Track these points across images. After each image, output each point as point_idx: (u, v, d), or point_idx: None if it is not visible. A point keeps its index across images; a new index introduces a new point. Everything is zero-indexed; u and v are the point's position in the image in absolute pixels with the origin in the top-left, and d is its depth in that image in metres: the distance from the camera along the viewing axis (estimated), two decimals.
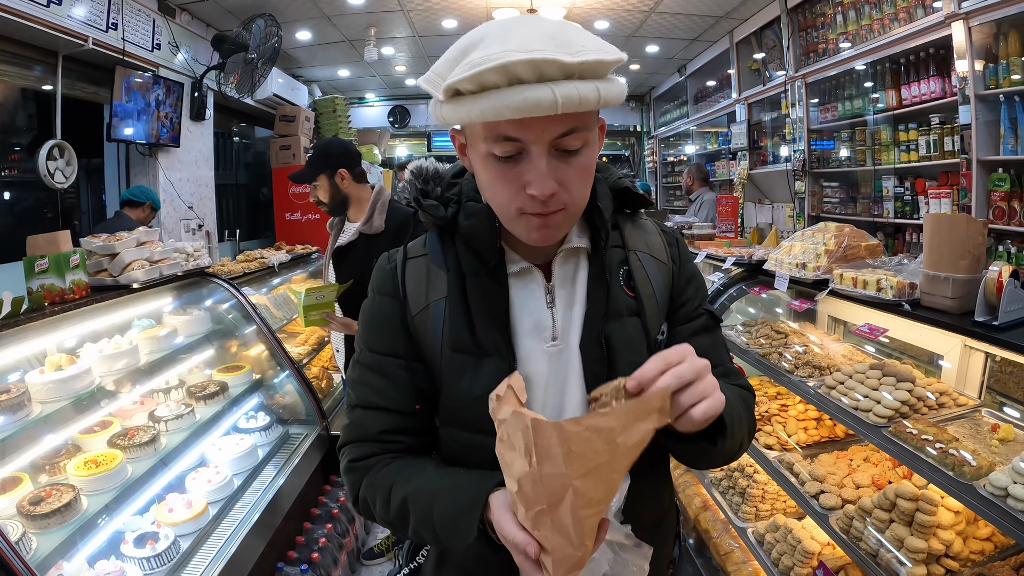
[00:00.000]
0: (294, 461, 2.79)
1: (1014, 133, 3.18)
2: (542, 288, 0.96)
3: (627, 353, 0.96)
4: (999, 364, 2.20)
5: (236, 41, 4.87)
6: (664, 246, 1.07)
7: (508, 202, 0.85)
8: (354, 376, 1.02)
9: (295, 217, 6.21)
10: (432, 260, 1.00)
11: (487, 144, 0.81)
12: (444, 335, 0.95)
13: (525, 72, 0.72)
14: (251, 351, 3.29)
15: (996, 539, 1.79)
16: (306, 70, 7.28)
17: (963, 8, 3.25)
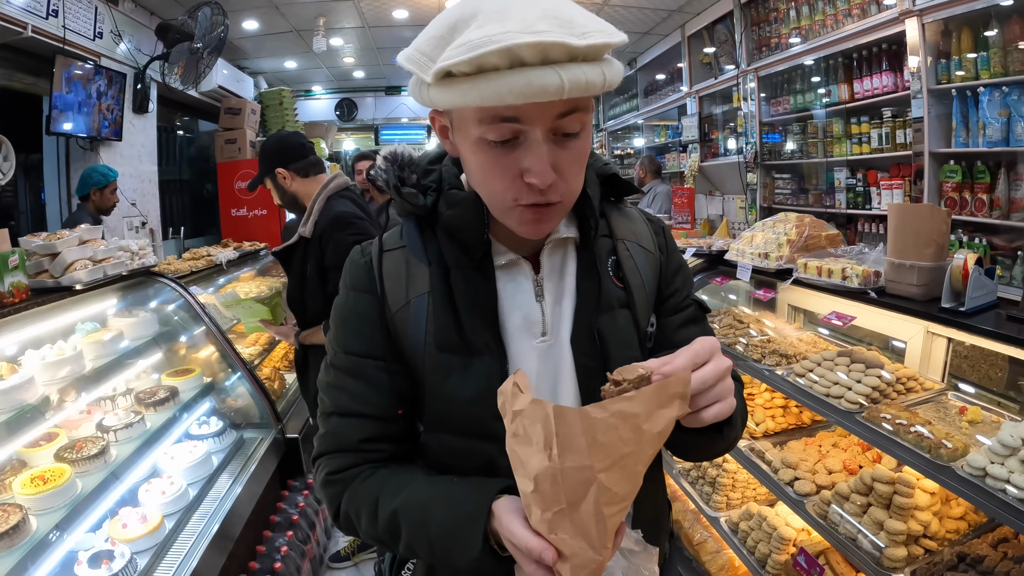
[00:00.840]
0: (250, 467, 2.67)
1: (965, 127, 3.29)
2: (530, 281, 0.91)
3: (620, 347, 0.92)
4: (958, 349, 2.27)
5: (181, 30, 4.66)
6: (651, 235, 1.03)
7: (503, 191, 0.79)
8: (328, 380, 0.94)
9: (241, 213, 6.00)
10: (411, 253, 0.93)
11: (480, 128, 0.75)
12: (427, 333, 0.89)
13: (530, 55, 0.67)
14: (201, 353, 3.14)
15: (969, 517, 1.84)
16: (252, 61, 7.05)
17: (917, 5, 3.34)
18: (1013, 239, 3.20)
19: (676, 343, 0.96)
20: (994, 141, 3.09)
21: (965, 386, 2.19)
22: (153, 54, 4.93)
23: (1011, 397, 2.24)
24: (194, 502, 2.27)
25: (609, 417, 0.60)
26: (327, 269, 2.28)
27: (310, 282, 2.34)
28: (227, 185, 5.93)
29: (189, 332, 3.12)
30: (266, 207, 5.94)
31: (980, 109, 3.15)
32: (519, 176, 0.76)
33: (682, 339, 0.99)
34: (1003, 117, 3.04)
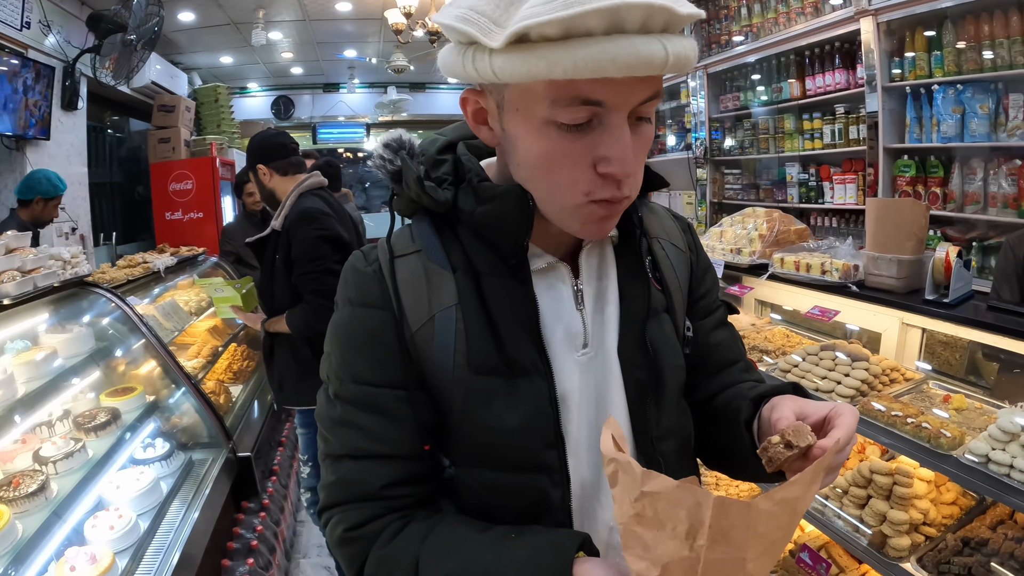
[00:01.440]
0: (203, 492, 2.47)
1: (919, 123, 3.38)
2: (569, 287, 0.80)
3: (670, 356, 0.84)
4: (934, 338, 2.31)
5: (114, 20, 4.35)
6: (680, 232, 0.95)
7: (571, 184, 0.68)
8: (334, 416, 0.79)
9: (176, 216, 5.67)
10: (429, 257, 0.79)
11: (551, 108, 0.64)
12: (457, 353, 0.75)
13: (634, 19, 0.58)
14: (141, 369, 2.90)
15: (960, 502, 1.88)
16: (187, 56, 6.71)
17: (873, 5, 3.41)
18: (967, 231, 3.31)
19: (711, 347, 0.94)
20: (948, 137, 3.18)
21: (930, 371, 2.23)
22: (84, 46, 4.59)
23: (971, 381, 2.31)
24: (146, 535, 2.06)
25: (774, 507, 0.55)
26: (292, 261, 2.41)
27: (278, 273, 2.47)
28: (161, 187, 5.59)
29: (128, 347, 2.87)
30: (202, 210, 5.63)
31: (934, 106, 3.23)
32: (591, 166, 0.67)
33: (716, 343, 0.96)
34: (957, 114, 3.13)
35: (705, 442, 0.92)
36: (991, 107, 3.05)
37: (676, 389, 0.86)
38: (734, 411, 0.82)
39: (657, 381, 0.82)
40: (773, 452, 0.63)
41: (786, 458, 0.63)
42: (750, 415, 0.79)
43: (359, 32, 6.66)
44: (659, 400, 0.83)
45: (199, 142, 5.75)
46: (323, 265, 2.37)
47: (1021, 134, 2.96)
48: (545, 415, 0.75)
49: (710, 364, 0.93)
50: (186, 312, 3.72)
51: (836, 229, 4.15)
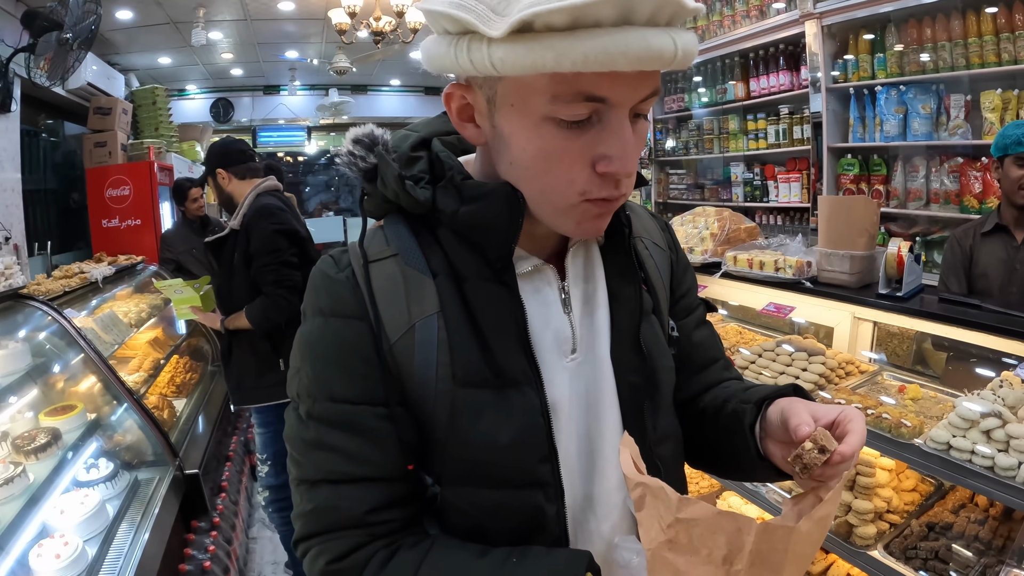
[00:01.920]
0: (152, 513, 2.35)
1: (862, 123, 3.51)
2: (556, 290, 0.77)
3: (663, 357, 0.83)
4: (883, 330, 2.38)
5: (50, 18, 4.10)
6: (660, 231, 0.94)
7: (568, 184, 0.65)
8: (308, 438, 0.72)
9: (113, 224, 5.42)
10: (407, 261, 0.73)
11: (552, 104, 0.61)
12: (440, 365, 0.70)
13: (644, 10, 0.55)
14: (81, 385, 2.76)
15: (920, 488, 1.93)
16: (124, 56, 6.45)
17: (817, 8, 3.52)
18: (909, 226, 3.45)
19: (693, 346, 0.94)
20: (891, 136, 3.31)
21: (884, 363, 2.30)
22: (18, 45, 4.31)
23: (918, 371, 2.38)
24: (95, 562, 1.95)
25: (813, 526, 0.57)
26: (251, 256, 2.54)
27: (237, 271, 2.59)
28: (97, 193, 5.31)
29: (66, 362, 2.73)
30: (140, 217, 5.40)
31: (877, 106, 3.36)
32: (590, 165, 0.64)
33: (698, 342, 0.95)
34: (899, 114, 3.26)
35: (694, 443, 0.91)
36: (933, 107, 3.19)
37: (669, 391, 0.85)
38: (733, 416, 0.80)
39: (653, 384, 0.80)
40: (809, 459, 0.63)
41: (821, 464, 0.63)
42: (754, 420, 0.77)
43: (301, 32, 6.55)
44: (655, 403, 0.81)
45: (136, 146, 5.52)
46: (281, 257, 2.52)
47: (962, 133, 3.10)
48: (538, 427, 0.72)
49: (692, 363, 0.92)
50: (126, 324, 3.56)
51: (781, 227, 4.27)
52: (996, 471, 1.46)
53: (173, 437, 2.88)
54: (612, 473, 0.77)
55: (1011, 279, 2.33)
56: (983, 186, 3.06)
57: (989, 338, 1.77)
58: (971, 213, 3.08)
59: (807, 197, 3.93)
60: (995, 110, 2.96)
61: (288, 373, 0.77)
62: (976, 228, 2.44)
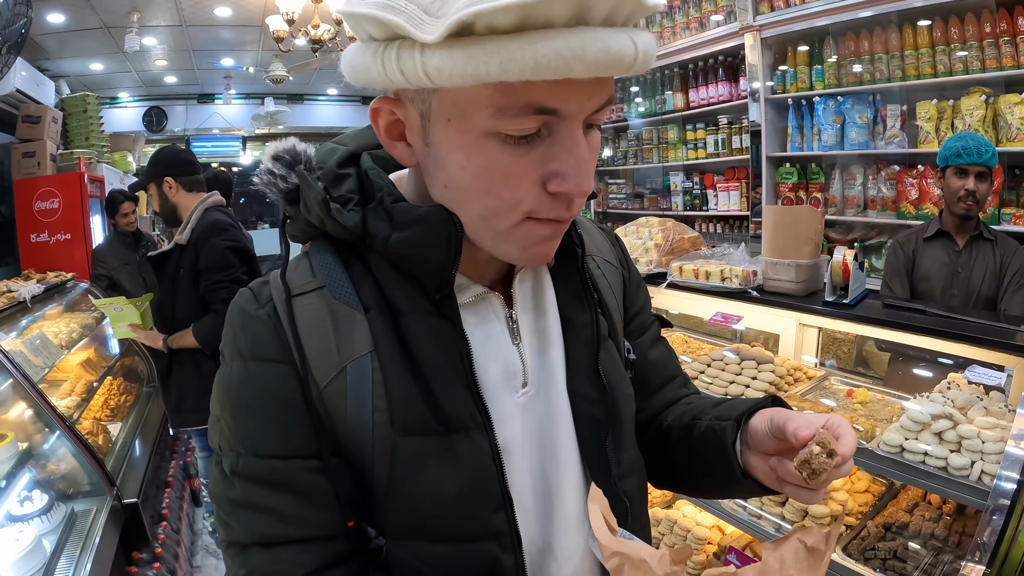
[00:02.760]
0: (91, 546, 2.23)
1: (800, 132, 3.61)
2: (503, 319, 0.70)
3: (621, 386, 0.77)
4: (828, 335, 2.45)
5: None
6: (610, 246, 0.88)
7: (513, 205, 0.58)
8: (234, 498, 0.64)
9: (42, 239, 5.13)
10: (335, 295, 0.66)
11: (496, 118, 0.54)
12: (376, 411, 0.63)
13: (600, 8, 0.49)
14: (11, 413, 2.61)
15: (872, 489, 1.97)
16: (55, 62, 6.17)
17: (757, 21, 3.61)
18: (847, 232, 3.57)
19: (650, 365, 0.90)
20: (829, 145, 3.42)
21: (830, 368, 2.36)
22: None
23: (861, 372, 2.51)
24: None
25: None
26: (200, 272, 2.52)
27: (181, 287, 2.56)
28: (25, 206, 5.02)
29: None
30: (70, 231, 5.13)
31: (815, 116, 3.47)
32: (540, 183, 0.57)
33: (655, 361, 0.91)
34: (837, 124, 3.37)
35: (659, 464, 0.87)
36: (869, 117, 3.31)
37: (631, 421, 0.80)
38: (710, 434, 0.76)
39: (615, 416, 0.75)
40: (817, 463, 0.61)
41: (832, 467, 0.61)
42: (735, 436, 0.74)
43: (238, 40, 6.41)
44: (618, 436, 0.76)
45: (66, 156, 5.24)
46: (232, 275, 2.50)
47: (898, 142, 3.22)
48: (490, 474, 0.65)
49: (650, 383, 0.89)
50: (56, 345, 3.38)
51: (721, 235, 4.36)
52: (950, 471, 1.50)
53: (109, 464, 2.75)
54: (572, 513, 0.71)
55: (952, 282, 2.44)
56: (919, 193, 3.19)
57: (931, 340, 1.82)
58: (908, 219, 3.21)
59: (746, 205, 4.03)
60: (930, 120, 3.09)
61: (209, 420, 0.68)
62: (919, 233, 2.55)
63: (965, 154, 2.32)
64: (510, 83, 0.50)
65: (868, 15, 3.18)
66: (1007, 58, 2.83)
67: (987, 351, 1.70)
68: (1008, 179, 2.93)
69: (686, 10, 4.21)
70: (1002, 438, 1.49)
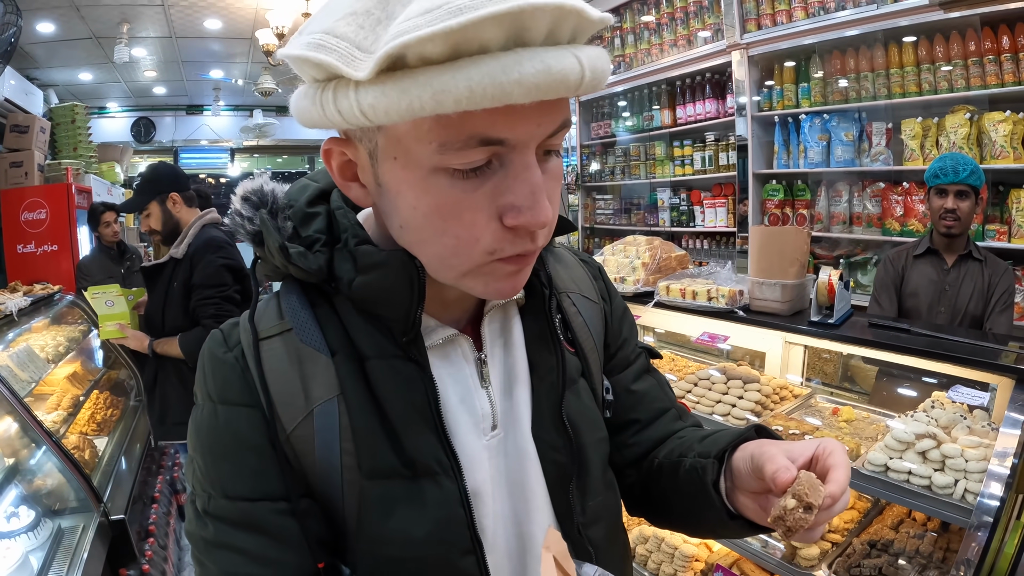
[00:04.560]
0: (78, 563, 2.22)
1: (787, 149, 3.65)
2: (472, 361, 0.70)
3: (591, 431, 0.76)
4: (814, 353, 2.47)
5: None
6: (591, 280, 0.86)
7: (472, 243, 0.56)
8: (208, 537, 0.64)
9: (29, 249, 5.10)
10: (302, 339, 0.66)
11: (440, 153, 0.52)
12: (344, 454, 0.64)
13: (539, 26, 0.46)
14: None
15: (858, 505, 1.99)
16: (44, 71, 6.18)
17: (744, 39, 3.65)
18: (833, 248, 3.60)
19: (636, 399, 0.86)
20: (815, 162, 3.46)
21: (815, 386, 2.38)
22: None
23: (846, 388, 2.52)
24: None
25: None
26: (192, 287, 2.55)
27: (172, 300, 2.59)
28: (12, 216, 4.98)
29: None
30: (57, 242, 5.10)
31: (801, 134, 3.51)
32: (496, 217, 0.55)
33: (643, 394, 0.88)
34: (823, 141, 3.41)
35: (654, 503, 0.84)
36: (855, 135, 3.36)
37: (601, 466, 0.78)
38: (693, 472, 0.74)
39: (579, 463, 0.74)
40: (792, 520, 0.55)
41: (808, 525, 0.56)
42: (717, 475, 0.71)
43: (227, 52, 6.43)
44: (583, 484, 0.75)
45: (54, 167, 5.22)
46: (224, 292, 2.53)
47: (884, 159, 3.27)
48: (457, 518, 0.65)
49: (638, 417, 0.86)
50: (43, 359, 3.35)
51: (708, 251, 4.38)
52: (934, 489, 1.53)
53: (96, 479, 2.73)
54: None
55: (940, 299, 2.48)
56: (904, 209, 3.23)
57: (920, 359, 1.84)
58: (893, 235, 3.25)
59: (733, 222, 4.05)
60: (915, 137, 3.13)
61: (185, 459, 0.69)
62: (909, 250, 2.59)
63: (942, 174, 2.38)
64: (452, 116, 0.48)
65: (854, 34, 3.22)
66: (991, 76, 2.87)
67: (971, 370, 1.72)
68: (992, 195, 2.97)
69: (674, 27, 4.25)
70: (985, 456, 1.52)
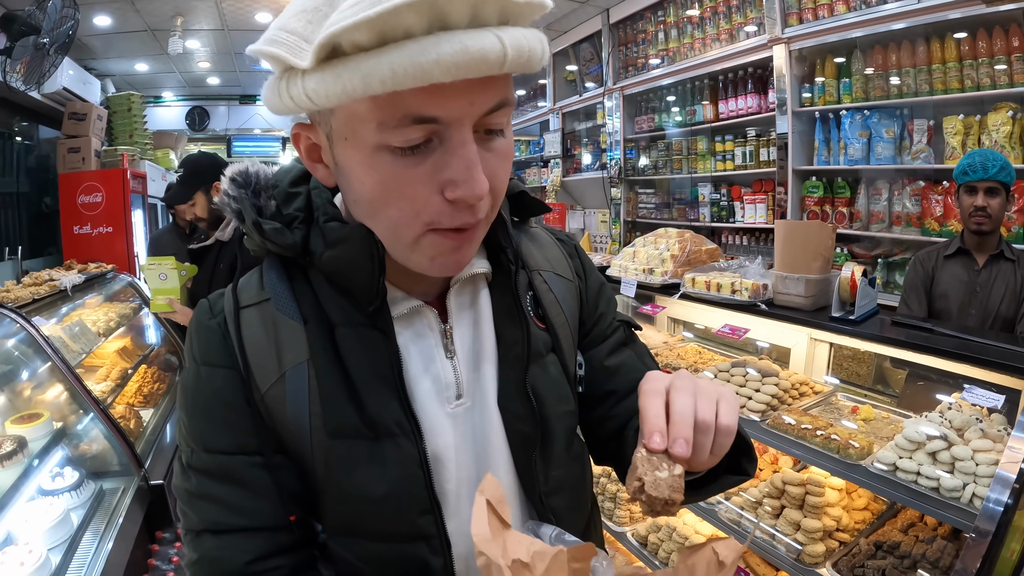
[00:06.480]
0: (116, 523, 2.37)
1: (827, 146, 3.58)
2: (437, 332, 0.74)
3: (557, 403, 0.79)
4: (842, 352, 2.43)
5: (27, 22, 4.07)
6: (565, 259, 0.89)
7: (413, 216, 0.60)
8: (190, 488, 0.70)
9: (85, 230, 5.33)
10: (278, 307, 0.71)
11: (380, 131, 0.56)
12: (313, 415, 0.69)
13: (459, 11, 0.50)
14: (48, 394, 2.75)
15: (872, 507, 1.97)
16: (101, 62, 6.37)
17: (785, 33, 3.60)
18: (872, 248, 3.52)
19: (611, 372, 0.88)
20: (855, 159, 3.39)
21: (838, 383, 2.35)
22: None
23: (878, 391, 2.45)
24: (58, 571, 1.97)
25: None
26: (237, 268, 2.57)
27: (217, 282, 2.61)
28: (69, 199, 5.23)
29: (33, 370, 2.72)
30: (112, 224, 5.33)
31: (842, 130, 3.44)
32: (438, 191, 0.59)
33: (617, 367, 0.88)
34: (864, 138, 3.34)
35: None
36: (896, 132, 3.27)
37: (565, 438, 0.81)
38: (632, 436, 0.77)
39: (543, 433, 0.77)
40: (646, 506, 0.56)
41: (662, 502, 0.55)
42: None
43: None
44: (546, 453, 0.78)
45: (110, 152, 5.46)
46: None
47: (925, 157, 3.18)
48: (416, 479, 0.70)
49: (617, 390, 0.88)
50: (94, 333, 3.54)
51: (747, 247, 4.32)
52: (941, 492, 1.50)
53: (139, 447, 2.88)
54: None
55: (970, 301, 2.41)
56: (944, 209, 3.15)
57: (941, 361, 1.79)
58: (932, 236, 3.17)
59: (772, 219, 4.00)
60: (957, 135, 3.04)
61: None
62: (940, 250, 2.53)
63: (971, 171, 2.31)
64: (385, 96, 0.52)
65: (897, 28, 3.14)
66: None
67: (999, 374, 1.66)
68: None
69: (716, 21, 4.22)
70: (996, 461, 1.48)
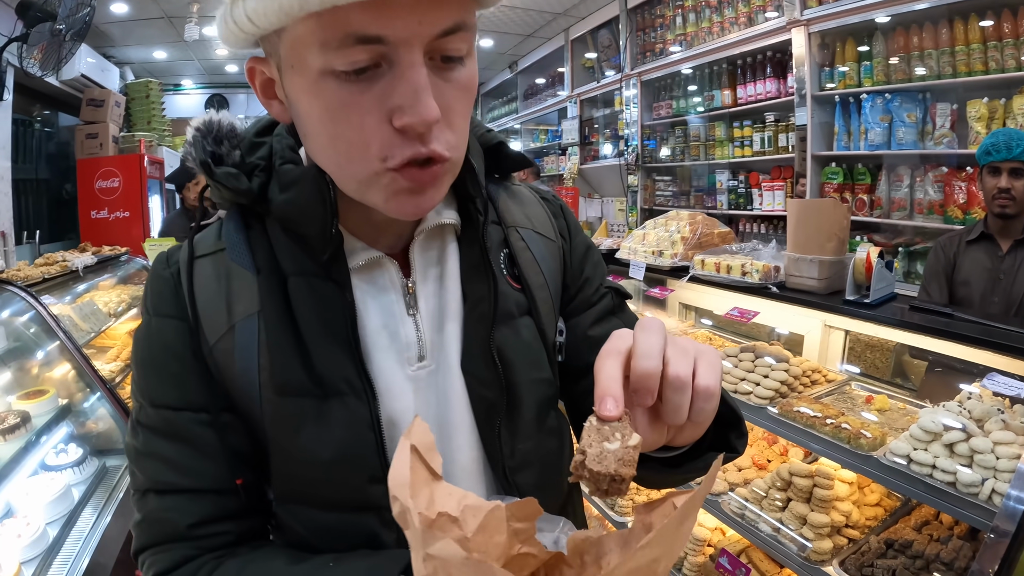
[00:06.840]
0: (116, 499, 2.36)
1: (847, 131, 3.48)
2: (399, 287, 0.69)
3: (526, 369, 0.72)
4: (859, 341, 2.34)
5: (44, 9, 4.12)
6: (549, 218, 0.82)
7: (363, 148, 0.55)
8: (136, 446, 0.66)
9: (102, 215, 5.42)
10: (232, 257, 0.67)
11: (323, 54, 0.52)
12: (262, 370, 0.64)
13: None
14: (55, 372, 2.77)
15: (885, 503, 1.88)
16: (119, 49, 6.43)
17: (804, 16, 3.50)
18: (893, 236, 3.42)
19: (592, 345, 0.78)
20: (876, 145, 3.28)
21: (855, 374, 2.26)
22: (11, 35, 4.31)
23: (898, 383, 2.34)
24: (55, 544, 1.98)
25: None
26: None
27: None
28: (87, 184, 5.32)
29: (42, 348, 2.74)
30: (128, 209, 5.40)
31: (863, 115, 3.34)
32: (386, 120, 0.54)
33: (599, 338, 0.77)
34: (885, 122, 3.23)
35: None
36: (918, 116, 3.17)
37: (536, 408, 0.74)
38: None
39: (509, 401, 0.71)
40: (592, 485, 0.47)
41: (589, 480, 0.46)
42: None
43: None
44: (513, 424, 0.71)
45: (128, 139, 5.54)
46: None
47: (947, 142, 3.07)
48: (366, 443, 0.64)
49: None
50: (105, 313, 3.57)
51: (765, 235, 4.24)
52: (958, 487, 1.40)
53: None
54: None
55: (994, 288, 2.31)
56: (967, 196, 3.04)
57: (966, 349, 1.68)
58: (955, 223, 3.06)
59: None
60: (981, 119, 2.93)
61: None
62: (962, 236, 2.43)
63: (994, 151, 2.20)
64: (328, 15, 0.49)
65: (919, 8, 3.03)
66: None
67: (1021, 361, 1.54)
68: None
69: (735, 5, 4.12)
70: (1018, 455, 1.38)
